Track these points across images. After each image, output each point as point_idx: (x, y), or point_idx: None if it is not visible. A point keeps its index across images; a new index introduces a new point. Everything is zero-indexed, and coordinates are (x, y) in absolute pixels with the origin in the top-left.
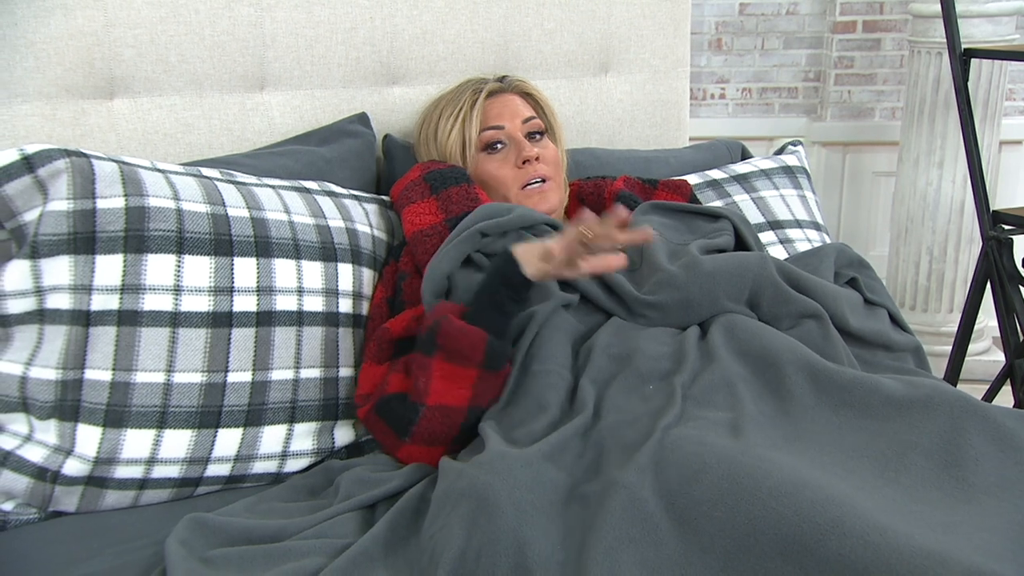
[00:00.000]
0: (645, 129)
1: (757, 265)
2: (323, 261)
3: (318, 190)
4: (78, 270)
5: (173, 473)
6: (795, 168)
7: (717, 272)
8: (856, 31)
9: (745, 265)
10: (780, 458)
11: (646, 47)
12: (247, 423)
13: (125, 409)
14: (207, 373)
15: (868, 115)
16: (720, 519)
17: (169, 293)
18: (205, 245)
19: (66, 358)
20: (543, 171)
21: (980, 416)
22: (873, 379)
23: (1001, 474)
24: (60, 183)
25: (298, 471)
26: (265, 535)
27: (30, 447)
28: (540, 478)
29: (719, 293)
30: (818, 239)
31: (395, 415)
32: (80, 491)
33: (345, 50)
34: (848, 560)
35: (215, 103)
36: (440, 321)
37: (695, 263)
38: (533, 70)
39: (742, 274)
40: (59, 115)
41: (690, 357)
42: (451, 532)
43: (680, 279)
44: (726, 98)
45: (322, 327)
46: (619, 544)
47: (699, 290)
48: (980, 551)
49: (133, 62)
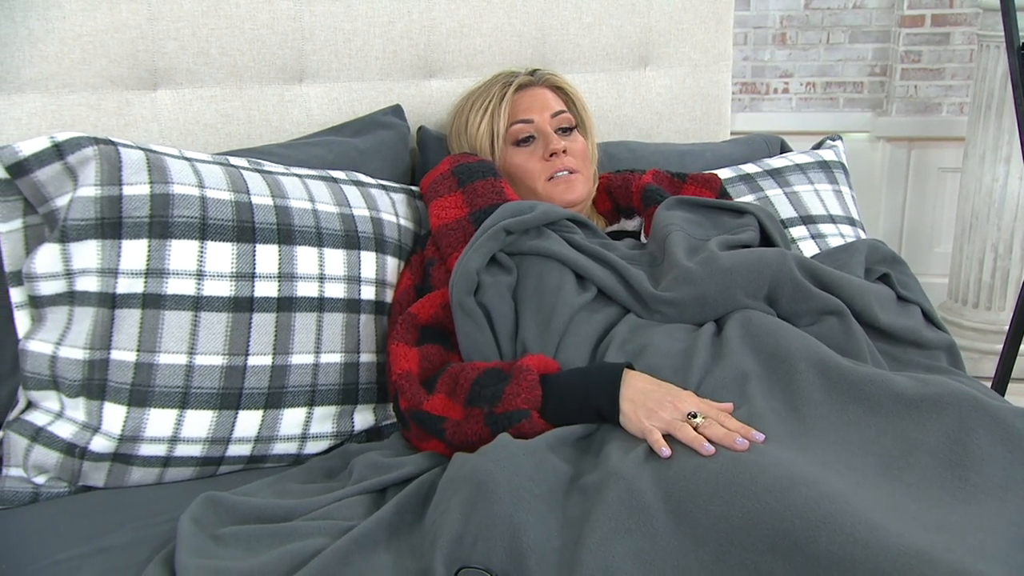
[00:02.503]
0: (684, 123)
1: (776, 261)
2: (346, 249)
3: (345, 179)
4: (105, 254)
5: (195, 452)
6: (832, 163)
7: (735, 268)
8: (924, 25)
9: (764, 261)
10: (779, 454)
11: (687, 41)
12: (267, 405)
13: (149, 389)
14: (228, 356)
15: (935, 110)
16: (715, 512)
17: (192, 278)
18: (228, 232)
19: (93, 339)
20: (570, 164)
21: (989, 416)
22: (885, 376)
23: (1007, 475)
24: (89, 170)
25: (317, 453)
26: (275, 515)
27: (60, 423)
28: (542, 467)
29: (736, 289)
30: (852, 234)
31: (428, 428)
32: (107, 467)
33: (383, 43)
34: (837, 556)
35: (254, 94)
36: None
37: (712, 259)
38: (571, 64)
39: (760, 270)
40: (104, 105)
41: (702, 353)
42: (450, 516)
43: (697, 275)
44: (789, 92)
45: (343, 313)
46: (614, 534)
47: (716, 286)
48: (972, 551)
49: (175, 54)
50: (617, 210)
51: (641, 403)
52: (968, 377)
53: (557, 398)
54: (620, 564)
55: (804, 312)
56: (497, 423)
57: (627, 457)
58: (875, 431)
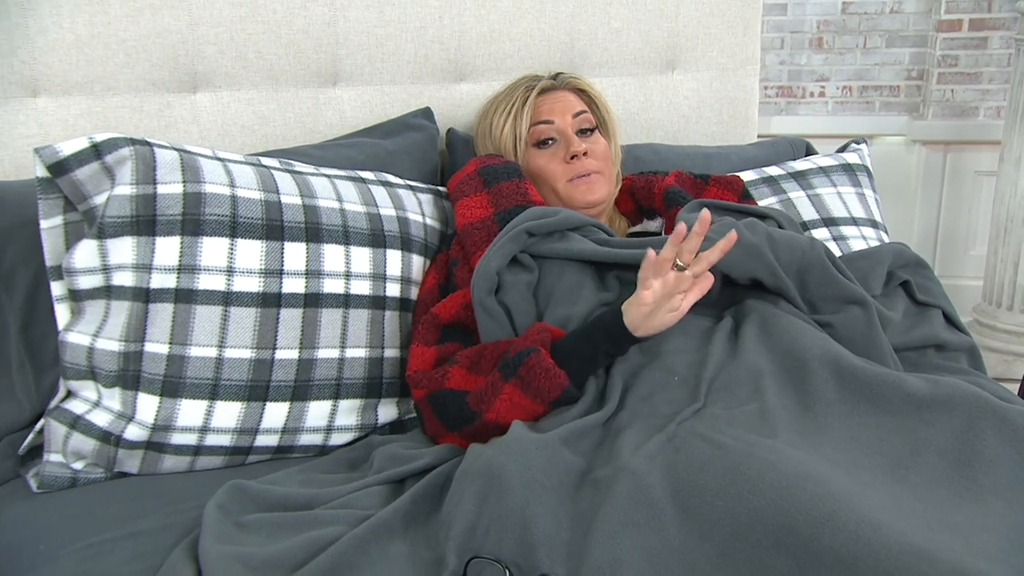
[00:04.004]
0: (711, 126)
1: (807, 243)
2: (372, 247)
3: (374, 180)
4: (140, 250)
5: (225, 442)
6: (855, 166)
7: (776, 235)
8: (962, 29)
9: (797, 240)
10: (788, 451)
11: (714, 45)
12: (293, 398)
13: (180, 380)
14: (256, 350)
15: (972, 114)
16: (722, 508)
17: (222, 274)
18: (257, 230)
19: (128, 331)
20: (591, 166)
21: (999, 417)
22: (897, 377)
23: (1015, 476)
24: (125, 169)
25: (342, 445)
26: (298, 503)
27: (97, 412)
28: (554, 460)
29: (780, 251)
30: (875, 236)
31: (449, 412)
32: (141, 455)
33: (414, 48)
34: (839, 553)
35: (290, 97)
36: (531, 352)
37: (755, 223)
38: (599, 68)
39: (794, 247)
40: (146, 107)
41: (718, 350)
42: (464, 508)
43: (743, 231)
44: (825, 96)
45: (368, 310)
46: (623, 528)
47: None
48: (973, 551)
49: (214, 58)
50: (639, 211)
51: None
52: (987, 379)
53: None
54: (627, 557)
55: (831, 298)
56: (508, 366)
57: (638, 452)
58: (885, 430)
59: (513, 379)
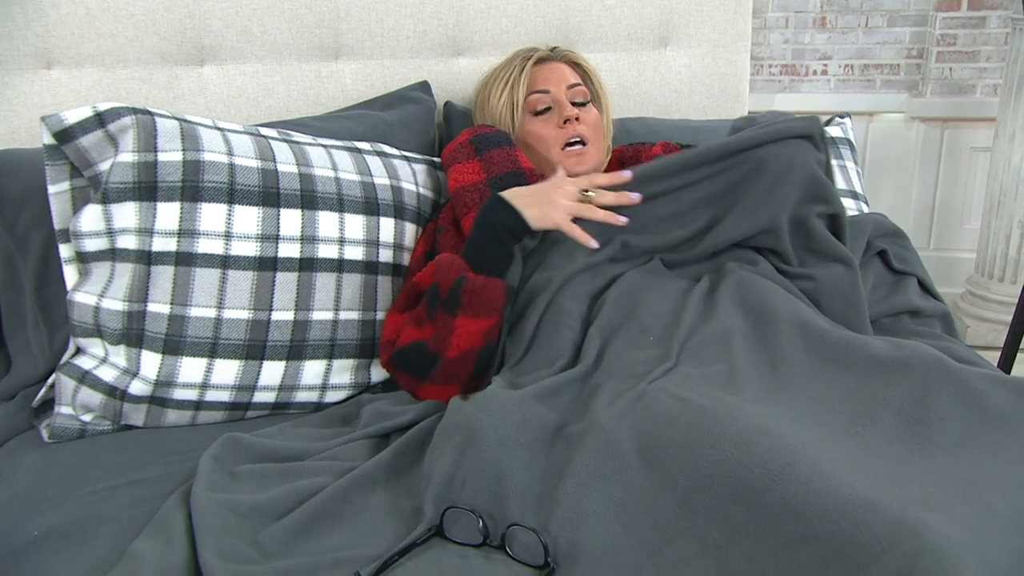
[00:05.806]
0: (703, 101)
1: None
2: (366, 215)
3: (369, 150)
4: (142, 215)
5: (224, 397)
6: (838, 139)
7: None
8: (961, 9)
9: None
10: (749, 408)
11: (706, 21)
12: (289, 357)
13: (181, 339)
14: (253, 311)
15: (969, 92)
16: (684, 461)
17: (220, 238)
18: (254, 196)
19: (131, 292)
20: (582, 131)
21: (955, 378)
22: (862, 340)
23: (965, 434)
24: (127, 137)
25: (337, 402)
26: (288, 455)
27: (104, 368)
28: (529, 417)
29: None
30: (854, 207)
31: (413, 364)
32: (145, 408)
33: (413, 23)
34: (790, 504)
35: (293, 70)
36: (462, 281)
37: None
38: (593, 43)
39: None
40: (155, 79)
41: (692, 311)
42: (443, 460)
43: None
44: (828, 74)
45: (362, 274)
46: (591, 480)
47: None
48: (915, 502)
49: (220, 32)
50: None
51: (534, 202)
52: (959, 343)
53: (472, 248)
54: (594, 507)
55: (817, 252)
56: (448, 303)
57: (609, 408)
58: (847, 390)
59: (459, 311)
